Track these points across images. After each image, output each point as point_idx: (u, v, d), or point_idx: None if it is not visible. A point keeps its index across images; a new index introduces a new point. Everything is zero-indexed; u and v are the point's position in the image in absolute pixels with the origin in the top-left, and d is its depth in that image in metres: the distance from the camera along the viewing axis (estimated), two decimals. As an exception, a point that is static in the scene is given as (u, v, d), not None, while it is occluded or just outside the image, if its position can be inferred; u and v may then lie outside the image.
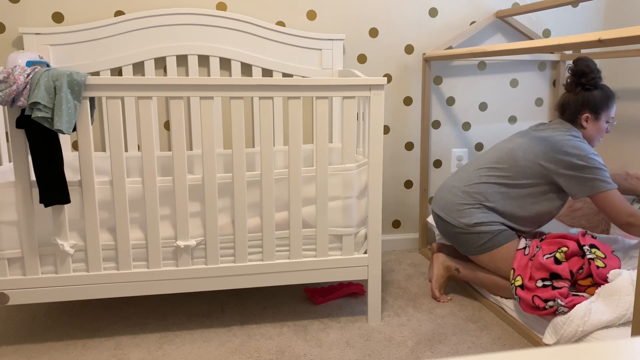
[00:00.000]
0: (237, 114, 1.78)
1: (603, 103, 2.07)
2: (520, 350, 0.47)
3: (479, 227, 2.01)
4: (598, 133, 2.09)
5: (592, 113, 2.06)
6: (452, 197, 2.11)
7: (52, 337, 1.89)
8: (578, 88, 2.08)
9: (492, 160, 2.09)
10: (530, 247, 1.96)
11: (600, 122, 2.08)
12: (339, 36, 2.48)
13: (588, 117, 2.07)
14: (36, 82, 1.58)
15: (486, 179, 2.06)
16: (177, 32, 2.35)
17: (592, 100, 2.06)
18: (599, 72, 2.08)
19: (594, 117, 2.07)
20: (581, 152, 1.94)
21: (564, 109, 2.12)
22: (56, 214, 1.72)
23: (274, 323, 1.98)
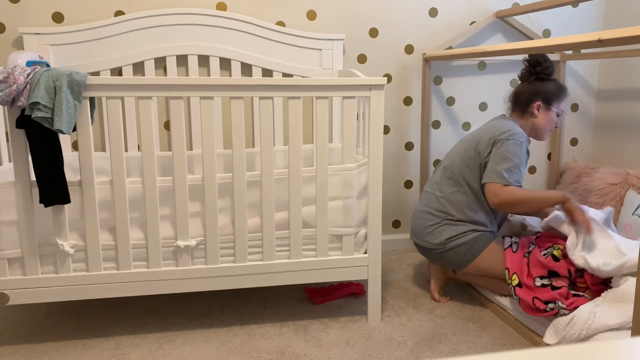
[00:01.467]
0: (237, 114, 1.78)
1: (555, 93, 2.08)
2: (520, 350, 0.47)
3: (452, 242, 2.02)
4: (548, 123, 2.09)
5: (544, 102, 2.08)
6: (420, 222, 2.13)
7: (52, 337, 1.89)
8: (532, 77, 2.10)
9: (440, 174, 2.12)
10: (519, 244, 1.97)
11: (550, 113, 2.08)
12: (339, 36, 2.48)
13: (540, 106, 2.07)
14: (36, 82, 1.58)
15: (441, 193, 2.08)
16: (177, 32, 2.35)
17: (544, 89, 2.07)
18: (552, 64, 2.10)
19: (545, 106, 2.08)
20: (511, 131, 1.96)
21: (517, 98, 2.13)
22: (56, 214, 1.72)
23: (274, 323, 1.98)
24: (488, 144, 1.98)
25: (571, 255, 1.81)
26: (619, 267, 1.70)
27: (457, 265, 2.05)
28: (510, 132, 1.96)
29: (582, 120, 2.94)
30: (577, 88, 2.90)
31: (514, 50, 1.92)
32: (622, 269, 1.70)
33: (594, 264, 1.73)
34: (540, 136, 2.12)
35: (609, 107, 2.85)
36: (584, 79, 2.91)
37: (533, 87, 2.09)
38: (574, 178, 2.74)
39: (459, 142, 2.17)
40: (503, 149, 1.93)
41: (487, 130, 2.03)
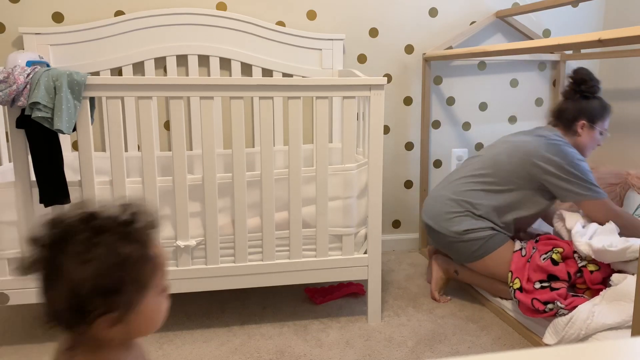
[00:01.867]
0: (237, 114, 1.78)
1: (600, 113, 2.08)
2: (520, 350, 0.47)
3: (469, 234, 2.01)
4: (591, 142, 2.10)
5: (589, 121, 2.07)
6: (441, 207, 2.10)
7: (52, 337, 1.88)
8: (577, 95, 2.09)
9: (477, 167, 2.09)
10: (526, 249, 1.96)
11: (594, 132, 2.09)
12: (339, 36, 2.48)
13: (584, 125, 2.07)
14: (36, 82, 1.58)
15: (472, 186, 2.06)
16: (177, 32, 2.35)
17: (590, 108, 2.07)
18: (598, 82, 2.09)
19: (590, 125, 2.07)
20: (566, 158, 1.94)
21: (560, 115, 2.12)
22: (56, 214, 1.72)
23: (274, 323, 1.98)
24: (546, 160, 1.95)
25: (575, 242, 1.81)
26: (623, 250, 1.70)
27: (467, 258, 2.04)
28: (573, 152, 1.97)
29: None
30: (577, 88, 2.90)
31: (514, 50, 1.92)
32: (626, 253, 1.71)
33: (599, 245, 1.73)
34: (583, 155, 2.09)
35: (609, 107, 2.85)
36: (584, 79, 2.90)
37: (578, 106, 2.08)
38: (574, 178, 2.73)
39: (502, 142, 2.13)
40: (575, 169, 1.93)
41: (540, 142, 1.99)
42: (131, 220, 0.78)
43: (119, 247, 0.75)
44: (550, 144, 1.98)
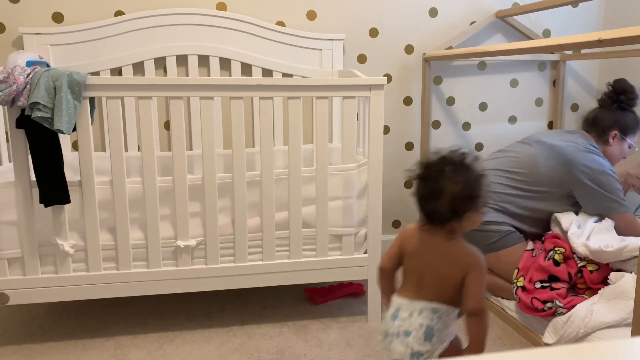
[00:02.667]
0: (237, 114, 1.78)
1: (633, 126, 2.10)
2: (520, 350, 0.47)
3: (489, 226, 2.00)
4: (620, 153, 2.12)
5: (621, 132, 2.09)
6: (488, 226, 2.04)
7: (52, 337, 1.89)
8: (614, 105, 2.11)
9: (511, 164, 2.07)
10: (536, 249, 1.97)
11: (624, 144, 2.11)
12: (339, 36, 2.48)
13: (616, 135, 2.09)
14: (36, 82, 1.58)
15: (502, 180, 2.04)
16: (177, 32, 2.35)
17: (624, 120, 2.09)
18: (637, 96, 2.10)
19: (621, 137, 2.09)
20: (601, 169, 1.96)
21: (595, 123, 2.13)
22: (56, 214, 1.72)
23: (274, 323, 1.98)
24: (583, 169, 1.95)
25: (573, 243, 1.82)
26: (619, 250, 1.72)
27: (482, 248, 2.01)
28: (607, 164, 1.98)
29: (582, 120, 2.94)
30: (577, 88, 2.90)
31: (514, 50, 1.92)
32: (623, 252, 1.72)
33: (595, 246, 1.75)
34: (613, 164, 2.10)
35: (609, 107, 2.85)
36: (584, 79, 2.90)
37: (613, 116, 2.10)
38: (574, 178, 2.73)
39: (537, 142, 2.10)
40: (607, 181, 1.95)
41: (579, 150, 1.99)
42: (466, 156, 1.24)
43: (472, 171, 1.21)
44: (588, 153, 2.00)
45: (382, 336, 1.29)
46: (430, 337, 1.21)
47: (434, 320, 1.22)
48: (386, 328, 1.28)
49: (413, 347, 1.21)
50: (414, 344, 1.21)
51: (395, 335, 1.24)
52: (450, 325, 1.26)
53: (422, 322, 1.22)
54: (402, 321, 1.24)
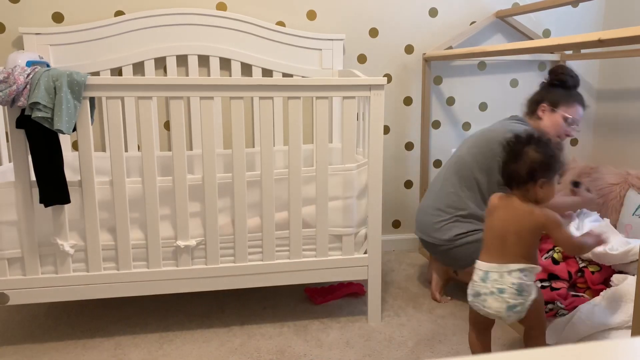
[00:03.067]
0: (237, 114, 1.78)
1: (564, 97, 2.05)
2: (521, 350, 0.47)
3: (461, 239, 2.01)
4: (553, 127, 2.05)
5: (550, 105, 2.05)
6: (429, 218, 2.11)
7: (52, 337, 1.89)
8: (546, 84, 2.11)
9: (453, 170, 2.11)
10: None
11: (556, 115, 2.04)
12: (339, 36, 2.48)
13: (545, 108, 2.06)
14: (36, 82, 1.58)
15: (451, 188, 2.07)
16: (177, 32, 2.35)
17: (553, 93, 2.06)
18: (572, 76, 2.07)
19: (551, 109, 2.05)
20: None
21: (527, 104, 2.14)
22: (56, 214, 1.72)
23: (274, 323, 1.98)
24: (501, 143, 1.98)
25: None
26: (625, 253, 1.72)
27: (464, 263, 2.04)
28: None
29: (582, 120, 2.93)
30: (577, 88, 2.90)
31: (514, 50, 1.92)
32: (628, 256, 1.72)
33: (600, 249, 1.73)
34: None
35: (609, 107, 2.85)
36: (584, 79, 2.90)
37: (543, 91, 2.10)
38: (574, 178, 2.73)
39: (469, 139, 2.16)
40: None
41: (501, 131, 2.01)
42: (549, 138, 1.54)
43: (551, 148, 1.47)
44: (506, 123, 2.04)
45: (472, 297, 1.52)
46: (521, 292, 1.44)
47: (523, 278, 1.45)
48: (477, 289, 1.50)
49: (509, 301, 1.44)
50: (509, 299, 1.44)
51: (489, 294, 1.47)
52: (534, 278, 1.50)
53: (514, 280, 1.45)
54: (493, 282, 1.47)
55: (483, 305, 1.49)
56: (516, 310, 1.45)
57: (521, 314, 1.47)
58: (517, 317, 1.48)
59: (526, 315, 1.48)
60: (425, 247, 2.17)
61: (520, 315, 1.47)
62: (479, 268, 1.51)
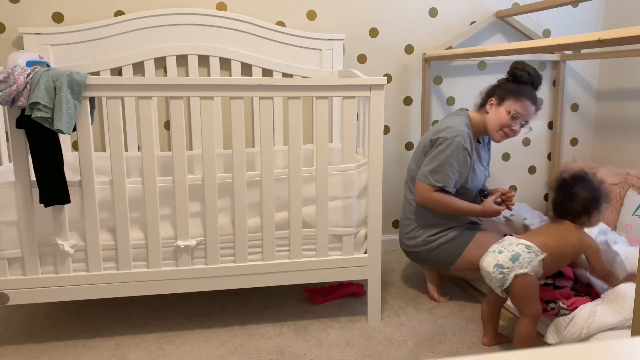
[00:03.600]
0: (237, 114, 1.78)
1: (512, 92, 2.00)
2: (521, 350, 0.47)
3: (435, 241, 2.05)
4: (496, 120, 2.01)
5: (497, 98, 2.03)
6: (402, 229, 2.18)
7: (52, 337, 1.89)
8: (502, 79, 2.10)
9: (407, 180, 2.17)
10: None
11: (501, 109, 2.00)
12: (339, 36, 2.48)
13: (492, 102, 2.05)
14: (36, 82, 1.58)
15: (410, 196, 2.12)
16: (177, 32, 2.35)
17: (503, 87, 2.04)
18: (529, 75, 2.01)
19: (498, 102, 2.02)
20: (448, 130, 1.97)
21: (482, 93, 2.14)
22: (56, 214, 1.72)
23: (274, 323, 1.98)
24: (428, 144, 2.03)
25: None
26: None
27: (447, 263, 2.06)
28: (447, 132, 1.98)
29: (582, 120, 2.94)
30: (577, 88, 2.90)
31: (514, 50, 1.92)
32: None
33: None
34: (491, 134, 2.06)
35: (609, 107, 2.85)
36: (584, 79, 2.90)
37: (495, 85, 2.10)
38: (574, 178, 2.73)
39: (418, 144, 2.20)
40: (434, 149, 1.99)
41: (431, 130, 2.08)
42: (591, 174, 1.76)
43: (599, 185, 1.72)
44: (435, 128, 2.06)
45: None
46: (514, 260, 1.64)
47: (524, 252, 1.65)
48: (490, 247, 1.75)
49: (499, 260, 1.66)
50: (501, 260, 1.66)
51: (491, 251, 1.72)
52: (535, 264, 1.64)
53: (516, 249, 1.66)
54: (501, 245, 1.71)
55: (482, 260, 1.72)
56: (500, 271, 1.64)
57: (503, 281, 1.64)
58: (499, 282, 1.65)
59: (510, 289, 1.65)
60: (409, 257, 2.20)
61: (501, 281, 1.65)
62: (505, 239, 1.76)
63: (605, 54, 2.64)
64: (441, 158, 1.95)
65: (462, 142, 1.96)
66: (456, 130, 1.98)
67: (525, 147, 2.90)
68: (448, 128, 2.00)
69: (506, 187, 2.91)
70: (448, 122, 2.05)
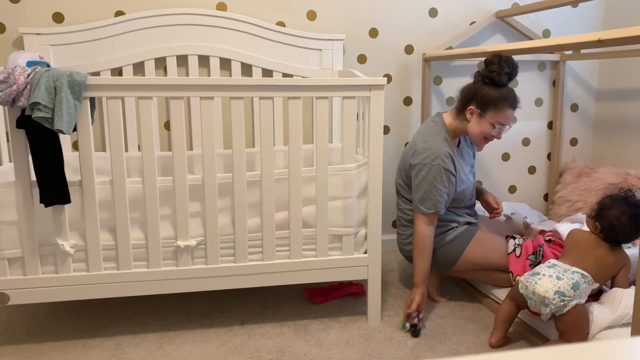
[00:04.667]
0: (237, 114, 1.78)
1: (493, 101, 1.89)
2: (521, 350, 0.47)
3: (435, 244, 2.02)
4: (479, 132, 1.93)
5: (478, 108, 1.92)
6: (399, 237, 2.18)
7: (52, 337, 1.89)
8: (479, 78, 1.95)
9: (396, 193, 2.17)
10: (522, 247, 1.98)
11: (483, 121, 1.91)
12: (339, 36, 2.48)
13: (473, 111, 1.93)
14: (36, 82, 1.58)
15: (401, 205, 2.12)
16: (177, 32, 2.35)
17: (483, 94, 1.90)
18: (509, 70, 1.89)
19: (479, 113, 1.91)
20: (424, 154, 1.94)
21: (458, 97, 2.01)
22: (56, 214, 1.72)
23: (274, 323, 1.98)
24: (407, 166, 2.03)
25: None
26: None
27: (447, 265, 2.05)
28: (425, 156, 1.94)
29: (582, 120, 2.94)
30: (577, 88, 2.90)
31: (514, 50, 1.92)
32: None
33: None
34: (474, 142, 2.01)
35: (609, 107, 2.85)
36: (584, 79, 2.91)
37: (473, 89, 1.94)
38: (573, 178, 2.74)
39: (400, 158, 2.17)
40: (417, 177, 1.97)
41: (410, 147, 2.05)
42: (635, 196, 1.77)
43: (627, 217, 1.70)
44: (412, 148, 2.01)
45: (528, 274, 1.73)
46: (575, 288, 1.62)
47: (581, 281, 1.64)
48: (538, 270, 1.71)
49: (560, 287, 1.62)
50: (561, 287, 1.62)
51: (547, 276, 1.67)
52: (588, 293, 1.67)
53: (574, 277, 1.65)
54: (557, 270, 1.67)
55: (535, 282, 1.67)
56: (561, 299, 1.60)
57: (561, 309, 1.60)
58: (557, 309, 1.61)
59: (564, 317, 1.62)
60: (409, 262, 2.17)
61: (560, 308, 1.60)
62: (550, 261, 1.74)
63: (605, 54, 2.64)
64: (425, 185, 1.93)
65: (442, 165, 1.91)
66: (434, 152, 1.92)
67: (525, 147, 2.90)
68: (425, 150, 1.93)
69: (506, 187, 2.91)
70: (425, 139, 1.97)
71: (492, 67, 1.89)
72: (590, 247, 1.75)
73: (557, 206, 2.77)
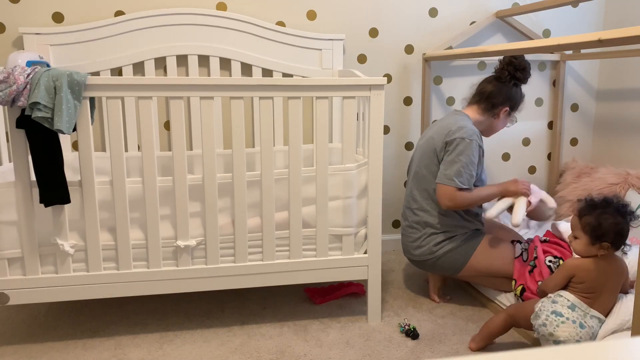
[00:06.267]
0: (237, 114, 1.78)
1: (519, 103, 2.14)
2: (520, 350, 0.47)
3: (442, 249, 2.02)
4: (503, 126, 2.18)
5: (510, 108, 2.12)
6: (406, 238, 2.13)
7: (52, 337, 1.89)
8: (512, 81, 2.10)
9: (411, 187, 2.12)
10: (528, 251, 1.98)
11: (508, 118, 2.16)
12: (339, 36, 2.48)
13: (506, 111, 2.11)
14: (36, 82, 1.58)
15: (415, 204, 2.08)
16: (177, 32, 2.35)
17: (515, 97, 2.12)
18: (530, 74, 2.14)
19: (509, 112, 2.13)
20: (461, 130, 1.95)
21: (490, 97, 2.09)
22: (56, 214, 1.72)
23: (274, 323, 1.98)
24: (442, 146, 1.99)
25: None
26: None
27: (453, 270, 2.04)
28: (462, 132, 1.95)
29: (582, 120, 2.94)
30: (577, 88, 2.90)
31: (514, 50, 1.92)
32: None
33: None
34: (491, 134, 2.19)
35: (609, 107, 2.85)
36: (584, 79, 2.91)
37: (508, 92, 2.09)
38: (574, 178, 2.73)
39: (419, 148, 2.13)
40: (452, 150, 1.95)
41: (439, 132, 2.03)
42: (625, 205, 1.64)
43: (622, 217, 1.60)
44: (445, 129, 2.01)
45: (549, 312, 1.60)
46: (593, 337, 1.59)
47: (597, 327, 1.60)
48: (560, 311, 1.59)
49: (582, 337, 1.57)
50: (583, 335, 1.56)
51: (570, 320, 1.57)
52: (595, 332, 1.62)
53: (593, 325, 1.59)
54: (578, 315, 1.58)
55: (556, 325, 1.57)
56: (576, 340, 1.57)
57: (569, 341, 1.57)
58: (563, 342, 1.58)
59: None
60: (415, 265, 2.16)
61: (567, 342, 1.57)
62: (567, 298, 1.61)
63: (605, 54, 2.64)
64: (463, 159, 1.92)
65: (477, 141, 1.98)
66: (470, 129, 1.98)
67: (525, 147, 2.90)
68: (461, 128, 1.97)
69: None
70: (456, 122, 2.02)
71: (527, 73, 2.11)
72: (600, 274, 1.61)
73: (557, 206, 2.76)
